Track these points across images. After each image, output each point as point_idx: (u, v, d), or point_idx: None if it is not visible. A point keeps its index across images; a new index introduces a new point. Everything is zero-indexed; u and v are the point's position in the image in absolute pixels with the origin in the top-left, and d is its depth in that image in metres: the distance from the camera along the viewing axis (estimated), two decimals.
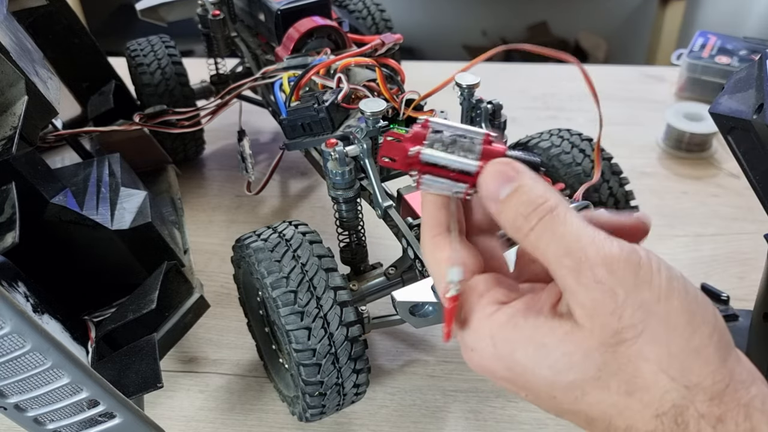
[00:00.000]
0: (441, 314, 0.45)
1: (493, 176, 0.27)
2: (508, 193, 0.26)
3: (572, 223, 0.25)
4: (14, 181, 0.49)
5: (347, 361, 0.51)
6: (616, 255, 0.24)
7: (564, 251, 0.25)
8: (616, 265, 0.24)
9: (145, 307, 0.55)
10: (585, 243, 0.24)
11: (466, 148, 0.28)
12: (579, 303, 0.25)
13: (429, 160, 0.28)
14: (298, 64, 0.68)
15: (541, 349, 0.25)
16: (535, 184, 0.26)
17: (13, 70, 0.51)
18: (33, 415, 0.44)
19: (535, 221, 0.25)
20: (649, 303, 0.24)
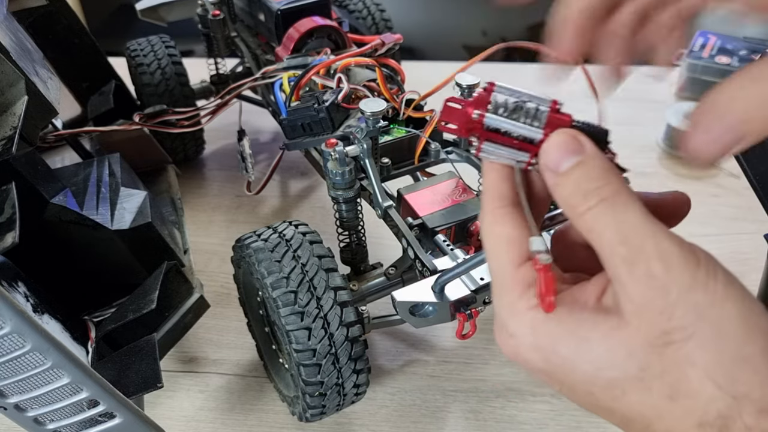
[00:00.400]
0: (441, 314, 0.45)
1: (557, 146, 0.25)
2: (570, 166, 0.25)
3: (634, 211, 0.24)
4: (14, 181, 0.49)
5: (347, 362, 0.51)
6: (675, 252, 0.23)
7: (621, 238, 0.23)
8: (673, 262, 0.23)
9: (145, 307, 0.55)
10: (644, 234, 0.23)
11: (531, 114, 0.26)
12: (628, 297, 0.23)
13: (492, 125, 0.26)
14: (298, 64, 0.68)
15: (584, 344, 0.24)
16: (601, 161, 0.25)
17: (13, 70, 0.51)
18: (33, 415, 0.44)
19: (594, 201, 0.24)
20: (703, 306, 0.22)
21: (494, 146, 0.27)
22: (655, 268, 0.23)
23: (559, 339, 0.25)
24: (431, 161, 0.61)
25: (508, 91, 0.27)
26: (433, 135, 0.60)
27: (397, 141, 0.60)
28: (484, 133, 0.26)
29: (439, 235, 0.52)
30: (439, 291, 0.44)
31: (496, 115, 0.26)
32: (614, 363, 0.23)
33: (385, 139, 0.59)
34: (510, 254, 0.26)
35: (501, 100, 0.26)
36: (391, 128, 0.60)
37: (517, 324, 0.25)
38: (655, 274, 0.23)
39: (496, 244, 0.26)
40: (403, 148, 0.60)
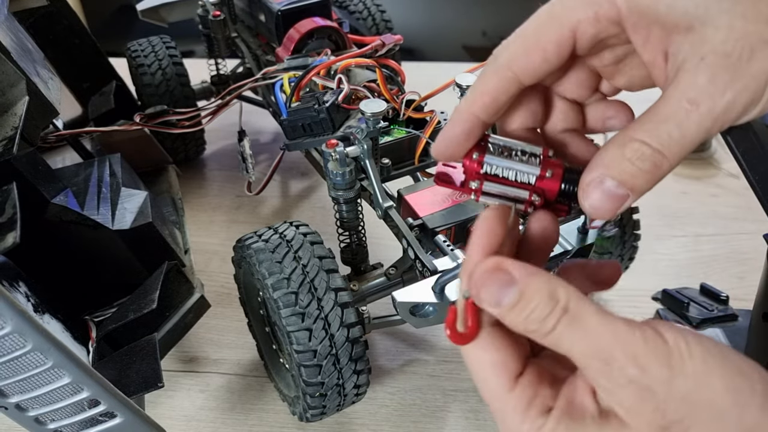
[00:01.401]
0: (441, 314, 0.45)
1: (488, 280, 0.24)
2: (511, 302, 0.24)
3: (589, 318, 0.23)
4: (15, 181, 0.49)
5: (348, 362, 0.51)
6: (641, 349, 0.22)
7: (590, 352, 0.23)
8: (645, 360, 0.22)
9: (146, 307, 0.55)
10: (607, 340, 0.23)
11: (525, 159, 0.26)
12: (618, 401, 0.23)
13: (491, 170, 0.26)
14: (299, 65, 0.69)
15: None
16: (540, 282, 0.24)
17: (14, 71, 0.51)
18: (34, 414, 0.45)
19: (551, 324, 0.23)
20: (690, 393, 0.22)
21: (495, 185, 0.27)
22: (631, 373, 0.22)
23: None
24: (431, 161, 0.61)
25: (502, 140, 0.27)
26: (433, 135, 0.60)
27: (397, 141, 0.60)
28: (481, 176, 0.27)
29: (439, 236, 0.53)
30: (440, 291, 0.44)
31: (494, 158, 0.27)
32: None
33: (386, 139, 0.59)
34: (500, 379, 0.25)
35: (497, 147, 0.27)
36: (392, 129, 0.60)
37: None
38: (633, 379, 0.22)
39: (484, 372, 0.26)
40: (403, 149, 0.60)
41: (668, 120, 0.23)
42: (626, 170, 0.24)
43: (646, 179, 0.24)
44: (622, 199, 0.24)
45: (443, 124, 0.61)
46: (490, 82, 0.26)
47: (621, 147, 0.24)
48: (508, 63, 0.25)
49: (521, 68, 0.25)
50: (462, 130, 0.26)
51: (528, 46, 0.25)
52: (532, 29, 0.25)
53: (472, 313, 0.26)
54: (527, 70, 0.25)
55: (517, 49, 0.25)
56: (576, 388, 0.25)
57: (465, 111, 0.26)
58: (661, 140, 0.23)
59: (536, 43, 0.24)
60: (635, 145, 0.23)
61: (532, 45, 0.25)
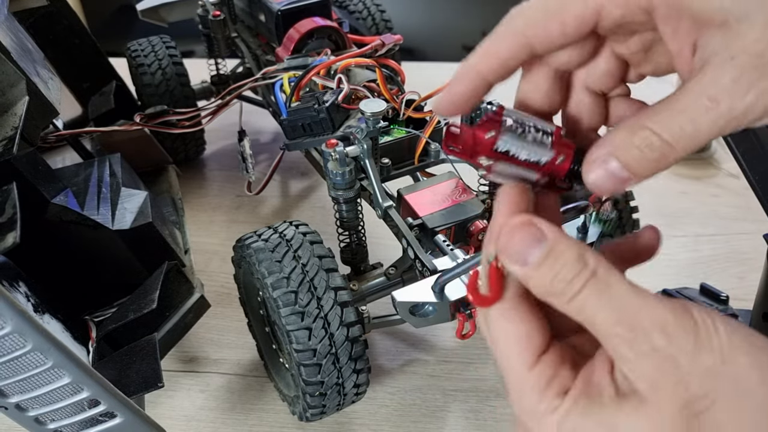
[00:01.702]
0: (441, 314, 0.45)
1: (516, 238, 0.24)
2: (539, 258, 0.23)
3: (619, 285, 0.23)
4: (15, 181, 0.49)
5: (348, 361, 0.51)
6: (671, 319, 0.22)
7: (615, 319, 0.22)
8: (672, 330, 0.22)
9: (146, 307, 0.55)
10: (635, 308, 0.22)
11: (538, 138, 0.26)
12: (639, 374, 0.22)
13: (502, 148, 0.25)
14: (299, 65, 0.69)
15: (612, 431, 0.23)
16: (570, 242, 0.23)
17: (14, 71, 0.51)
18: (34, 414, 0.45)
19: (578, 287, 0.23)
20: (715, 367, 0.21)
21: (506, 166, 0.26)
22: (657, 342, 0.22)
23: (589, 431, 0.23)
24: (431, 161, 0.61)
25: (515, 115, 0.26)
26: (432, 135, 0.60)
27: (397, 141, 0.60)
28: (494, 154, 0.26)
29: (439, 235, 0.53)
30: (439, 291, 0.44)
31: (509, 136, 0.26)
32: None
33: (385, 139, 0.59)
34: (523, 355, 0.25)
35: (512, 124, 0.26)
36: (391, 129, 0.60)
37: (541, 429, 0.24)
38: (658, 347, 0.22)
39: (507, 345, 0.25)
40: (403, 149, 0.60)
41: (684, 113, 0.23)
42: (633, 156, 0.23)
43: (651, 167, 0.24)
44: (624, 181, 0.24)
45: (443, 123, 0.61)
46: (502, 44, 0.25)
47: (632, 132, 0.24)
48: (523, 28, 0.24)
49: (536, 37, 0.24)
50: (467, 88, 0.26)
51: (548, 15, 0.24)
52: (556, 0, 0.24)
53: (496, 278, 0.25)
54: (542, 40, 0.24)
55: (536, 17, 0.24)
56: (594, 369, 0.24)
57: (472, 69, 0.25)
58: (672, 132, 0.23)
59: (557, 14, 0.24)
60: (646, 133, 0.23)
61: (552, 15, 0.24)
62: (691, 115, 0.22)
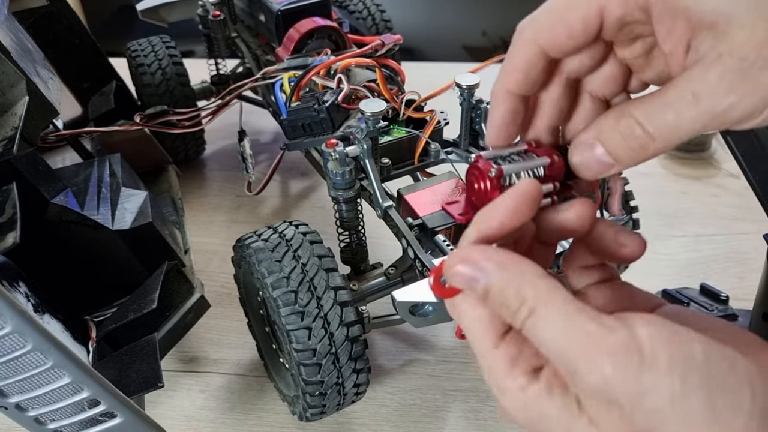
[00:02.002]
0: (441, 314, 0.45)
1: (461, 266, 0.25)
2: (481, 293, 0.24)
3: (556, 323, 0.23)
4: (15, 181, 0.49)
5: (347, 361, 0.51)
6: (608, 361, 0.21)
7: (556, 357, 0.23)
8: (611, 372, 0.21)
9: (146, 307, 0.55)
10: (573, 348, 0.22)
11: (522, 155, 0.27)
12: (587, 405, 0.23)
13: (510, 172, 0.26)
14: (299, 65, 0.69)
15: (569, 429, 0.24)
16: (508, 280, 0.24)
17: (14, 71, 0.51)
18: (34, 414, 0.45)
19: (520, 320, 0.23)
20: (662, 410, 0.21)
21: None
22: (596, 385, 0.22)
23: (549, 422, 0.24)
24: (431, 161, 0.61)
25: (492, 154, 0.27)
26: (432, 135, 0.60)
27: (397, 141, 0.60)
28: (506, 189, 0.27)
29: (438, 235, 0.53)
30: None
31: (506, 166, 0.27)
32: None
33: (385, 139, 0.59)
34: (487, 336, 0.25)
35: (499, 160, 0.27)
36: (391, 129, 0.60)
37: (509, 402, 0.25)
38: (598, 390, 0.22)
39: (471, 327, 0.26)
40: (403, 149, 0.60)
41: (667, 107, 0.23)
42: (616, 142, 0.25)
43: (631, 156, 0.25)
44: (608, 166, 0.25)
45: (443, 123, 0.61)
46: (519, 58, 0.26)
47: (617, 118, 0.25)
48: (534, 37, 0.25)
49: (547, 42, 0.25)
50: (506, 110, 0.27)
51: (554, 20, 0.25)
52: (560, 4, 0.25)
53: None
54: (553, 45, 0.25)
55: (543, 24, 0.25)
56: None
57: (501, 91, 0.27)
58: (654, 124, 0.24)
59: (563, 18, 0.25)
60: (630, 121, 0.24)
61: (558, 20, 0.25)
62: (674, 108, 0.23)
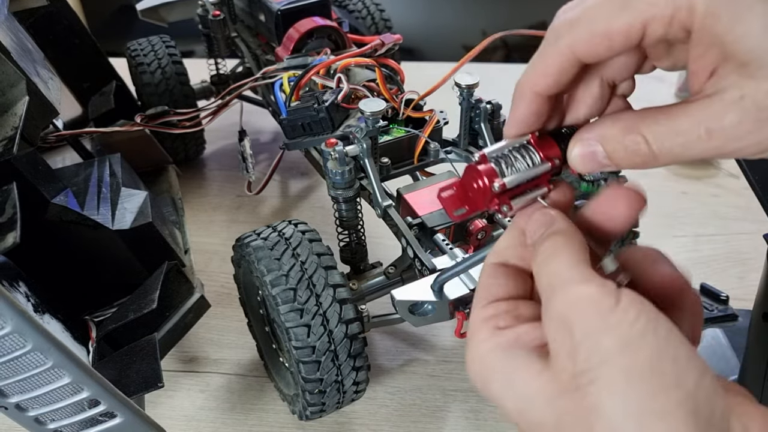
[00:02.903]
0: (440, 313, 0.45)
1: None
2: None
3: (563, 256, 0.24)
4: (15, 181, 0.49)
5: (347, 359, 0.51)
6: (584, 295, 0.23)
7: (545, 286, 0.24)
8: (581, 305, 0.23)
9: (146, 307, 0.55)
10: (564, 278, 0.24)
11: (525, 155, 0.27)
12: (549, 338, 0.24)
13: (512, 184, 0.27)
14: (298, 64, 0.69)
15: (508, 385, 0.24)
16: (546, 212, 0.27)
17: (14, 71, 0.51)
18: (34, 414, 0.45)
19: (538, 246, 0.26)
20: (608, 350, 0.21)
21: (519, 199, 0.28)
22: (563, 309, 0.23)
23: (493, 374, 0.25)
24: (430, 161, 0.61)
25: (495, 151, 0.27)
26: (432, 135, 0.60)
27: (396, 141, 0.60)
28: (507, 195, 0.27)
29: (438, 235, 0.53)
30: (438, 290, 0.44)
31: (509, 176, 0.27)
32: (535, 408, 0.23)
33: (385, 138, 0.59)
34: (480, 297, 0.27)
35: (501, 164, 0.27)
36: (391, 128, 0.60)
37: (470, 355, 0.26)
38: (562, 315, 0.23)
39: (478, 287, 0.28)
40: (402, 148, 0.60)
41: (679, 136, 0.23)
42: (618, 152, 0.25)
43: (630, 166, 0.25)
44: (603, 166, 0.26)
45: (442, 123, 0.61)
46: (552, 62, 0.26)
47: (625, 131, 0.25)
48: (571, 47, 0.25)
49: (584, 53, 0.25)
50: (531, 110, 0.27)
51: (595, 32, 0.24)
52: (603, 14, 0.24)
53: None
54: (590, 55, 0.25)
55: (583, 34, 0.24)
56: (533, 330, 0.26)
57: (529, 91, 0.27)
58: (662, 148, 0.24)
59: (604, 31, 0.24)
60: (637, 138, 0.24)
61: (599, 32, 0.24)
62: (684, 139, 0.23)
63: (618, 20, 0.23)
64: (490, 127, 0.60)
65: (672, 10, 0.22)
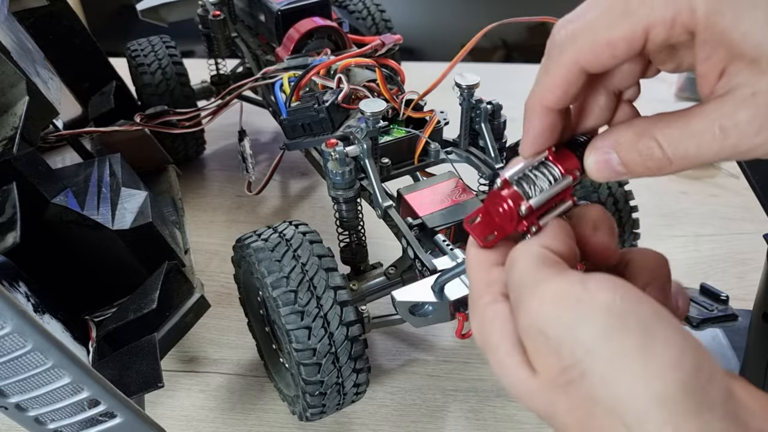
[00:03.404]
0: (441, 314, 0.45)
1: None
2: None
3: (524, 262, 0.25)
4: (15, 181, 0.49)
5: (347, 361, 0.51)
6: (549, 294, 0.23)
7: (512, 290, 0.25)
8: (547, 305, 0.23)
9: (146, 307, 0.55)
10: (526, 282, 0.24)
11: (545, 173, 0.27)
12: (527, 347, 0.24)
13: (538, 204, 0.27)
14: (299, 65, 0.69)
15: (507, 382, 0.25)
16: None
17: (14, 71, 0.51)
18: (34, 414, 0.45)
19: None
20: (590, 341, 0.22)
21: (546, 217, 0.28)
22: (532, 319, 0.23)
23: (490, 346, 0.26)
24: (431, 161, 0.61)
25: (516, 173, 0.27)
26: (432, 135, 0.60)
27: (396, 141, 0.60)
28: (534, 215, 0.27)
29: (438, 235, 0.53)
30: (439, 290, 0.44)
31: (535, 196, 0.27)
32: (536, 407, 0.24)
33: (385, 139, 0.59)
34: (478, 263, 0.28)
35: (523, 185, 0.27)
36: (391, 128, 0.60)
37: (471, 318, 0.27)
38: (533, 324, 0.23)
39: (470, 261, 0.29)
40: (402, 149, 0.60)
41: (692, 136, 0.23)
42: (632, 158, 0.25)
43: (645, 172, 0.25)
44: (619, 174, 0.26)
45: (443, 123, 0.61)
46: (559, 76, 0.26)
47: (638, 136, 0.25)
48: (576, 59, 0.25)
49: (588, 63, 0.25)
50: (544, 126, 0.27)
51: (597, 41, 0.24)
52: (603, 23, 0.24)
53: None
54: (594, 65, 0.25)
55: (585, 44, 0.24)
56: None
57: (539, 106, 0.27)
58: (676, 151, 0.24)
59: (606, 39, 0.24)
60: (651, 143, 0.24)
61: (601, 41, 0.24)
62: (699, 140, 0.23)
63: (620, 28, 0.23)
64: (491, 128, 0.60)
65: (673, 13, 0.22)
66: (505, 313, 0.25)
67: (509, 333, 0.25)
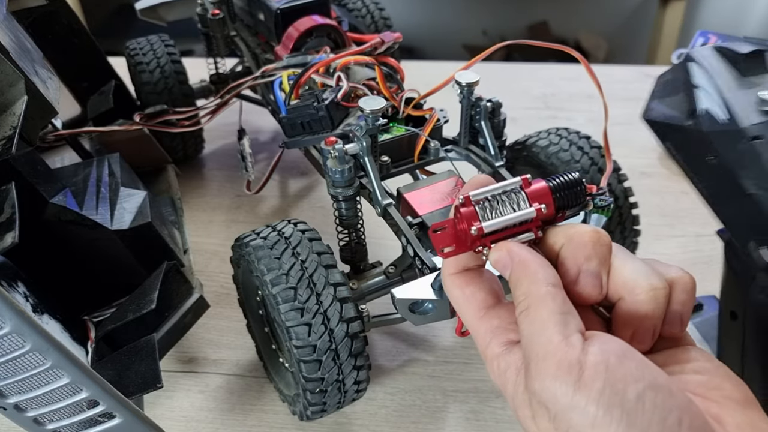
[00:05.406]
0: (440, 311, 0.45)
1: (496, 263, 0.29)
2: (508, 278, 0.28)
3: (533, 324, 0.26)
4: (14, 181, 0.49)
5: (348, 358, 0.51)
6: (551, 375, 0.25)
7: (524, 351, 0.27)
8: (550, 384, 0.25)
9: (145, 307, 0.55)
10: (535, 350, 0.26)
11: (513, 200, 0.28)
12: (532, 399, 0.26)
13: (492, 230, 0.28)
14: (298, 63, 0.69)
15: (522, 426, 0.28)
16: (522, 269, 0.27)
17: (12, 70, 0.51)
18: (33, 415, 0.44)
19: (520, 309, 0.27)
20: (580, 426, 0.24)
21: (502, 244, 0.28)
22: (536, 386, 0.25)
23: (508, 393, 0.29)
24: (431, 159, 0.61)
25: (482, 194, 0.28)
26: (432, 133, 0.60)
27: (396, 139, 0.60)
28: (487, 239, 0.28)
29: None
30: (439, 288, 0.44)
31: (491, 220, 0.28)
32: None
33: (385, 137, 0.59)
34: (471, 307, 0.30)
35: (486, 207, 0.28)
36: (391, 126, 0.60)
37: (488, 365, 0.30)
38: (536, 391, 0.25)
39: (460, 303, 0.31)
40: (402, 147, 0.60)
41: None
42: None
43: None
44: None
45: (443, 121, 0.60)
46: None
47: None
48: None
49: None
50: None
51: None
52: None
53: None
54: None
55: None
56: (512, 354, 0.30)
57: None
58: None
59: None
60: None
61: None
62: None
63: None
64: (491, 125, 0.60)
65: None
66: (516, 365, 0.28)
67: (521, 385, 0.27)
